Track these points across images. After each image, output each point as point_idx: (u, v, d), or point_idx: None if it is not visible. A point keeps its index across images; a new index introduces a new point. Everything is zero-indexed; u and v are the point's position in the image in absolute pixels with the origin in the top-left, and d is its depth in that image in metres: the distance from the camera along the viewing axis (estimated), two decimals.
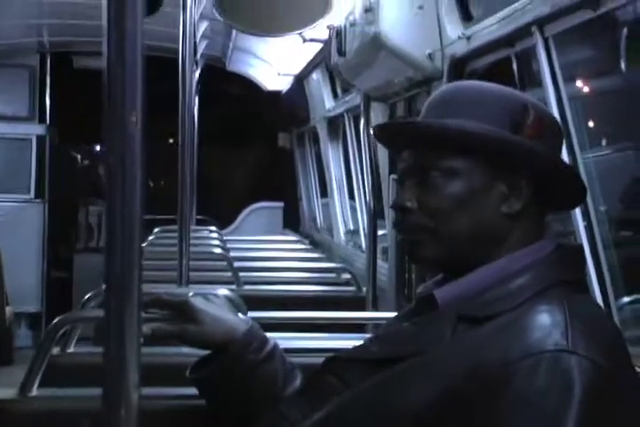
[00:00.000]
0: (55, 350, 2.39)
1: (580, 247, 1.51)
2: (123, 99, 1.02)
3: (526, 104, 1.42)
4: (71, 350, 2.36)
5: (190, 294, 1.82)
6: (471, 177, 1.38)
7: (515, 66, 2.99)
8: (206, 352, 1.65)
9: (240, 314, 2.05)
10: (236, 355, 1.59)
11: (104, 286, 1.07)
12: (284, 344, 2.62)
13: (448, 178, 1.39)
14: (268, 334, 2.67)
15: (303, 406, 1.48)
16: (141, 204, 1.05)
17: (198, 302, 1.62)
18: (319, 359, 1.55)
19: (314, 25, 3.68)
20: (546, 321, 1.26)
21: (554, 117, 1.51)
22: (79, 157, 10.24)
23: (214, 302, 1.67)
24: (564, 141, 2.50)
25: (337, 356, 1.51)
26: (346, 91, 6.04)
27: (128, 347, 1.04)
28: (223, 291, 2.73)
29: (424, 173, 1.41)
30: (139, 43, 1.03)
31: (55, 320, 2.02)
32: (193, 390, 1.67)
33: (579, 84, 3.10)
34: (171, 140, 8.45)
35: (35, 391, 1.94)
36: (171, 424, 1.80)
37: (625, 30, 2.60)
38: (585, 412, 1.17)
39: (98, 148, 10.82)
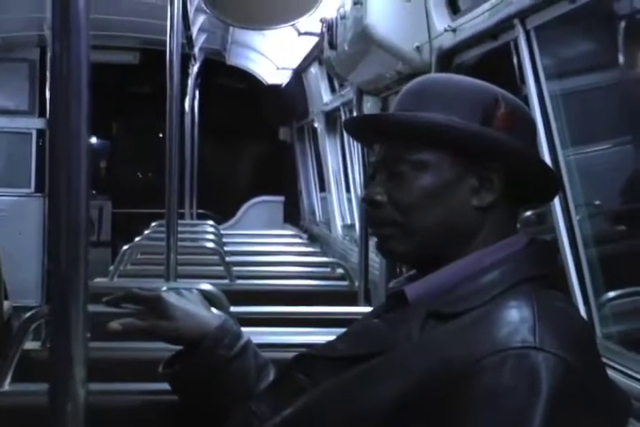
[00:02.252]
0: (36, 345, 2.37)
1: (553, 242, 1.50)
2: (67, 91, 1.01)
3: (497, 96, 1.40)
4: None
5: (164, 288, 1.81)
6: (441, 170, 1.37)
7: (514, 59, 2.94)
8: (160, 346, 1.63)
9: (215, 309, 2.05)
10: (208, 350, 1.58)
11: (50, 283, 1.06)
12: (270, 339, 2.63)
13: (418, 171, 1.37)
14: (255, 329, 2.67)
15: (272, 402, 1.46)
16: (87, 197, 1.04)
17: (170, 297, 1.60)
18: None
19: (304, 17, 3.65)
20: (514, 317, 1.24)
21: (526, 110, 1.49)
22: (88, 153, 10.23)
23: (187, 298, 1.65)
24: (545, 138, 2.48)
25: (305, 353, 1.49)
26: (342, 85, 6.02)
27: (74, 343, 1.03)
28: (206, 286, 2.72)
29: (394, 166, 1.39)
30: (83, 32, 1.02)
31: (28, 314, 2.00)
32: (143, 386, 1.66)
33: (571, 79, 3.07)
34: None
35: (6, 386, 1.93)
36: (120, 420, 1.78)
37: (623, 23, 2.57)
38: (551, 410, 1.15)
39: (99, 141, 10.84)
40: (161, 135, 8.40)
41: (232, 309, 2.49)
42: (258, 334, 2.64)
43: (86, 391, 1.04)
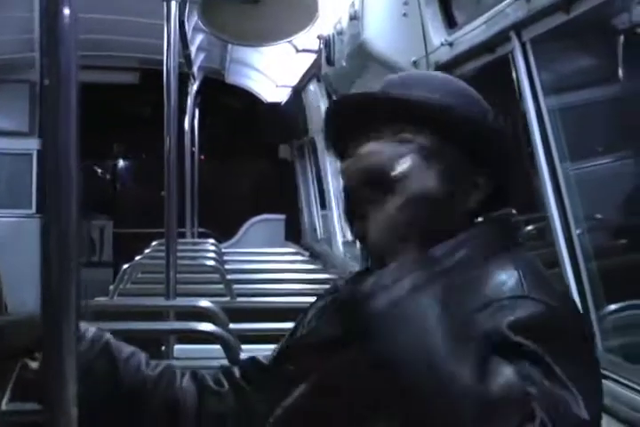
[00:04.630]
0: (34, 365, 2.35)
1: (507, 218, 1.45)
2: (57, 107, 1.00)
3: (484, 102, 1.41)
4: None
5: None
6: (450, 166, 1.33)
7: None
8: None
9: (214, 326, 2.04)
10: None
11: (41, 300, 1.05)
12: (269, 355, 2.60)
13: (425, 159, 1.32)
14: (256, 347, 2.65)
15: (268, 397, 1.45)
16: (78, 213, 1.03)
17: None
18: None
19: (301, 33, 3.65)
20: (499, 274, 1.26)
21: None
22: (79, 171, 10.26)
23: None
24: (544, 152, 2.48)
25: (290, 343, 1.49)
26: None
27: (67, 360, 1.02)
28: (205, 302, 2.71)
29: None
30: (72, 50, 1.01)
31: None
32: None
33: (569, 93, 3.07)
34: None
35: (4, 406, 1.91)
36: None
37: (622, 38, 2.57)
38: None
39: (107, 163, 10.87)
40: (162, 155, 8.34)
41: (232, 326, 2.48)
42: (259, 351, 2.63)
43: (78, 410, 1.03)
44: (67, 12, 0.98)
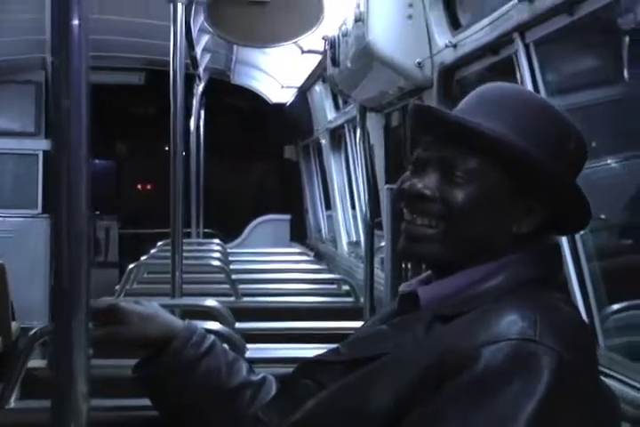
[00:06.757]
0: (42, 363, 2.38)
1: (557, 245, 1.49)
2: (68, 108, 1.02)
3: (571, 129, 1.41)
4: None
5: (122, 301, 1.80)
6: (496, 188, 1.36)
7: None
8: None
9: (219, 325, 2.05)
10: (177, 350, 1.58)
11: (52, 298, 1.07)
12: (276, 354, 2.63)
13: (473, 181, 1.35)
14: (261, 345, 2.68)
15: (280, 410, 1.47)
16: (87, 215, 1.05)
17: (124, 305, 1.61)
18: None
19: (306, 35, 3.67)
20: (516, 314, 1.26)
21: (586, 146, 1.47)
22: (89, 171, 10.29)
23: (145, 305, 1.65)
24: None
25: (311, 359, 1.50)
26: (346, 102, 6.04)
27: (76, 359, 1.03)
28: (211, 302, 2.73)
29: (450, 168, 1.36)
30: (84, 50, 1.03)
31: (32, 331, 2.01)
32: (145, 401, 1.66)
33: (574, 94, 3.08)
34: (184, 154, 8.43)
35: (12, 404, 1.94)
36: None
37: (627, 38, 2.58)
38: (543, 401, 1.16)
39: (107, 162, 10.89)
40: (167, 155, 8.31)
41: (238, 325, 2.50)
42: (264, 350, 2.65)
43: (88, 407, 1.04)
44: (77, 13, 1.01)
